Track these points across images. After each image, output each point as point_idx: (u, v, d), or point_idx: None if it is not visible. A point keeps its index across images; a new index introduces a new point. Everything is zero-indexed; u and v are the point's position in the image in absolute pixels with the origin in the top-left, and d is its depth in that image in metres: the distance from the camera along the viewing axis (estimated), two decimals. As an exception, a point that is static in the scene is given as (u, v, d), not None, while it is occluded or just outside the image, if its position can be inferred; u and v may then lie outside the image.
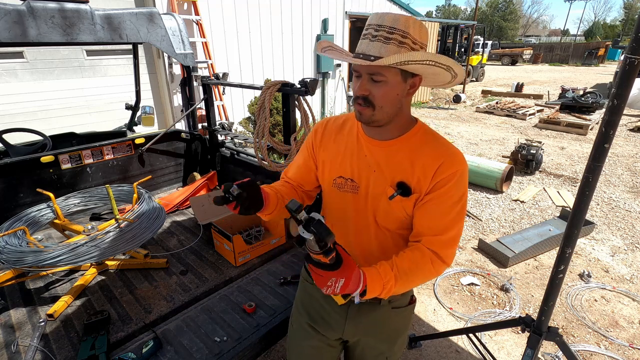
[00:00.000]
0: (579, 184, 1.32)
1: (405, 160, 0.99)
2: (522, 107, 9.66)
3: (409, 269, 0.94)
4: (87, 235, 1.87)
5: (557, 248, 1.97)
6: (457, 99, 11.39)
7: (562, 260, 1.43)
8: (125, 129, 3.49)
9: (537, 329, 1.59)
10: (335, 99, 8.72)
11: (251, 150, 2.97)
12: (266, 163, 2.43)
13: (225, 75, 2.96)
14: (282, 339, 1.67)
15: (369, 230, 1.08)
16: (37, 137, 2.88)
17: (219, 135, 3.19)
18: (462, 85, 13.46)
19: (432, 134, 1.03)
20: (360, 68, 0.90)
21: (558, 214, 4.02)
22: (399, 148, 1.01)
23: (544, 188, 4.88)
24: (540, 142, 5.46)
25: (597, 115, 8.34)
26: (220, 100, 6.08)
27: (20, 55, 4.39)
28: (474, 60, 16.19)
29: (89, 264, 1.98)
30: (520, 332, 2.02)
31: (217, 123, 3.18)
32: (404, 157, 1.00)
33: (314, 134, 1.18)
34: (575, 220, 1.36)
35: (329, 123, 1.17)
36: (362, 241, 1.11)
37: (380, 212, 1.03)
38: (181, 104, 5.22)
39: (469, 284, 2.95)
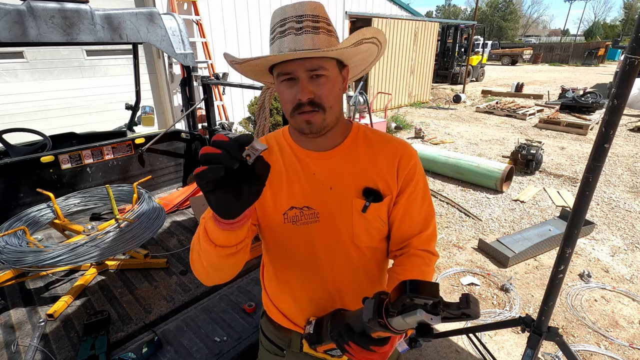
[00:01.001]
0: (579, 184, 1.32)
1: (363, 164, 0.88)
2: (522, 107, 9.66)
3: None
4: (87, 235, 1.87)
5: (557, 248, 1.97)
6: (457, 99, 11.39)
7: (562, 260, 1.43)
8: (125, 129, 3.49)
9: (537, 329, 1.59)
10: (335, 99, 8.73)
11: (251, 150, 2.97)
12: (266, 163, 2.42)
13: (225, 75, 2.96)
14: (282, 339, 1.67)
15: (350, 259, 0.90)
16: (37, 137, 2.88)
17: (219, 135, 3.19)
18: (462, 85, 13.47)
19: (372, 130, 0.94)
20: (298, 67, 0.74)
21: (558, 214, 4.02)
22: (350, 153, 0.88)
23: (544, 188, 4.88)
24: (540, 142, 5.46)
25: (597, 115, 8.33)
26: (220, 100, 6.08)
27: (20, 55, 4.39)
28: (474, 60, 16.19)
29: (89, 264, 1.98)
30: (520, 332, 2.02)
31: (217, 123, 3.18)
32: (360, 162, 0.88)
33: None
34: (575, 220, 1.36)
35: None
36: (344, 276, 0.92)
37: (358, 232, 0.87)
38: (181, 104, 5.21)
39: (469, 284, 2.95)
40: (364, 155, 0.88)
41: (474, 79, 16.74)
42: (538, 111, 9.46)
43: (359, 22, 9.56)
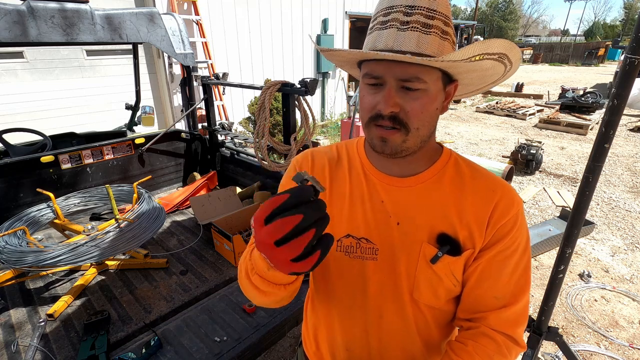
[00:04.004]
0: (579, 184, 1.32)
1: (445, 203, 0.69)
2: (522, 107, 9.66)
3: None
4: (87, 235, 1.87)
5: (557, 248, 1.97)
6: (457, 99, 11.38)
7: (562, 260, 1.43)
8: (125, 129, 3.49)
9: (537, 329, 1.59)
10: (335, 99, 8.72)
11: (251, 150, 2.98)
12: (266, 163, 2.43)
13: (225, 75, 2.96)
14: (282, 339, 1.67)
15: (404, 314, 0.73)
16: (37, 137, 2.88)
17: (219, 135, 3.19)
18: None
19: (466, 161, 0.74)
20: (386, 71, 0.60)
21: (558, 214, 4.02)
22: (432, 185, 0.70)
23: (544, 188, 4.88)
24: (540, 142, 5.46)
25: (597, 115, 8.33)
26: (220, 100, 6.08)
27: (20, 55, 4.38)
28: (474, 60, 16.16)
29: (89, 264, 1.98)
30: (520, 332, 2.02)
31: (217, 123, 3.18)
32: (442, 199, 0.69)
33: (298, 166, 0.81)
34: (575, 220, 1.36)
35: (316, 157, 0.80)
36: (392, 334, 0.75)
37: (420, 285, 0.70)
38: (181, 104, 5.21)
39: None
40: (449, 192, 0.70)
41: (474, 79, 16.71)
42: (538, 111, 9.46)
43: (359, 22, 9.56)
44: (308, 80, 2.14)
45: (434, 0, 0.59)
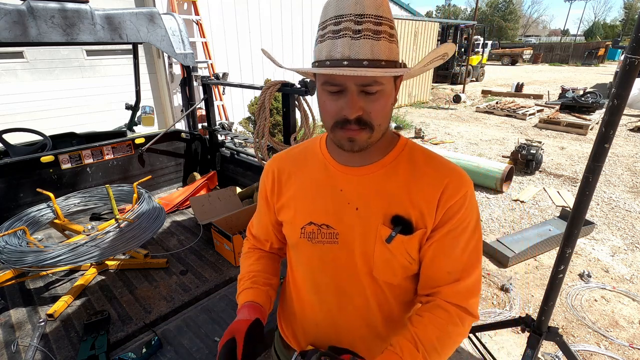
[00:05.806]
0: (579, 184, 1.32)
1: (398, 188, 0.76)
2: (522, 107, 9.66)
3: (438, 341, 0.71)
4: (87, 235, 1.87)
5: (557, 248, 1.97)
6: (457, 99, 11.39)
7: (562, 260, 1.44)
8: (125, 129, 3.49)
9: (537, 329, 1.59)
10: (335, 99, 8.73)
11: (251, 150, 2.98)
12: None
13: (225, 75, 2.96)
14: (282, 339, 1.67)
15: (364, 292, 0.81)
16: (37, 137, 2.88)
17: (219, 135, 3.20)
18: (462, 85, 13.47)
19: (421, 149, 0.81)
20: (348, 79, 0.64)
21: (558, 214, 4.02)
22: (386, 172, 0.77)
23: (544, 188, 4.88)
24: (540, 142, 5.46)
25: (597, 115, 8.33)
26: (220, 100, 6.08)
27: (20, 55, 4.38)
28: (474, 60, 16.19)
29: (89, 264, 1.98)
30: (520, 332, 2.02)
31: (217, 123, 3.18)
32: (396, 184, 0.76)
33: (265, 178, 0.92)
34: (575, 220, 1.36)
35: (281, 159, 0.91)
36: (355, 311, 0.83)
37: (378, 263, 0.77)
38: (181, 104, 5.21)
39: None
40: (403, 177, 0.76)
41: (474, 79, 16.73)
42: (538, 111, 9.46)
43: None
44: (308, 80, 2.14)
45: (379, 7, 0.63)
